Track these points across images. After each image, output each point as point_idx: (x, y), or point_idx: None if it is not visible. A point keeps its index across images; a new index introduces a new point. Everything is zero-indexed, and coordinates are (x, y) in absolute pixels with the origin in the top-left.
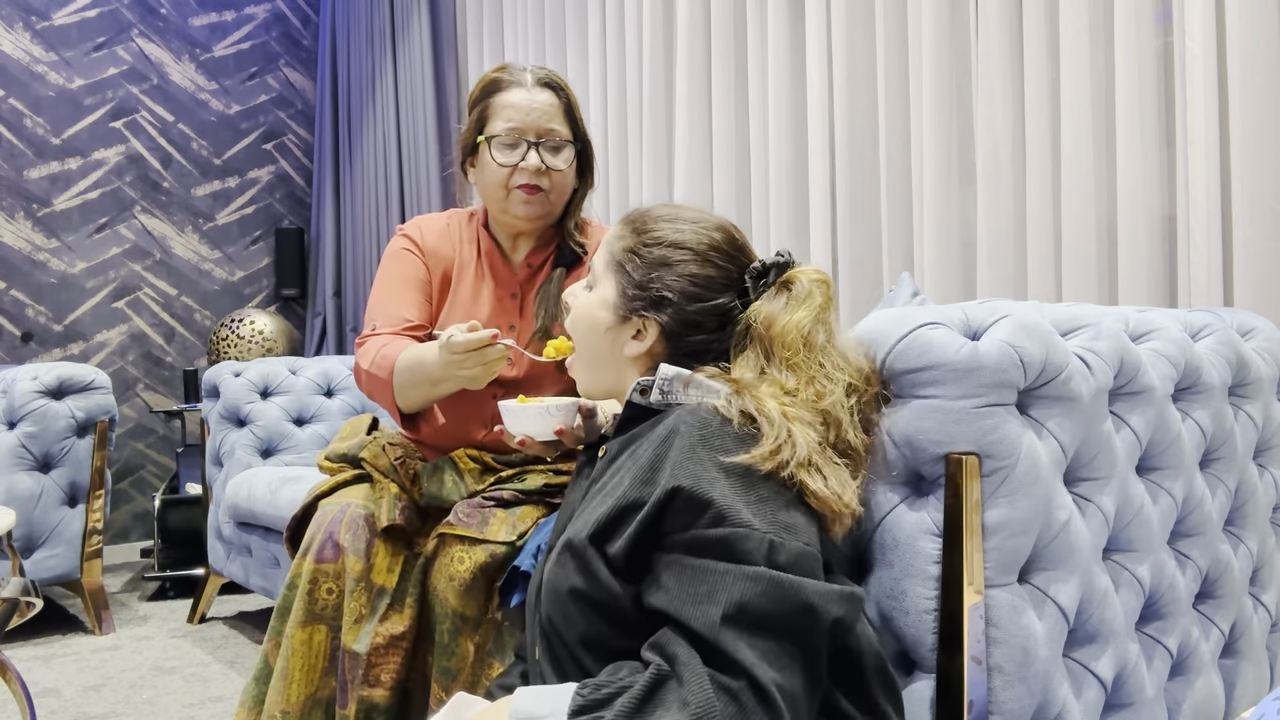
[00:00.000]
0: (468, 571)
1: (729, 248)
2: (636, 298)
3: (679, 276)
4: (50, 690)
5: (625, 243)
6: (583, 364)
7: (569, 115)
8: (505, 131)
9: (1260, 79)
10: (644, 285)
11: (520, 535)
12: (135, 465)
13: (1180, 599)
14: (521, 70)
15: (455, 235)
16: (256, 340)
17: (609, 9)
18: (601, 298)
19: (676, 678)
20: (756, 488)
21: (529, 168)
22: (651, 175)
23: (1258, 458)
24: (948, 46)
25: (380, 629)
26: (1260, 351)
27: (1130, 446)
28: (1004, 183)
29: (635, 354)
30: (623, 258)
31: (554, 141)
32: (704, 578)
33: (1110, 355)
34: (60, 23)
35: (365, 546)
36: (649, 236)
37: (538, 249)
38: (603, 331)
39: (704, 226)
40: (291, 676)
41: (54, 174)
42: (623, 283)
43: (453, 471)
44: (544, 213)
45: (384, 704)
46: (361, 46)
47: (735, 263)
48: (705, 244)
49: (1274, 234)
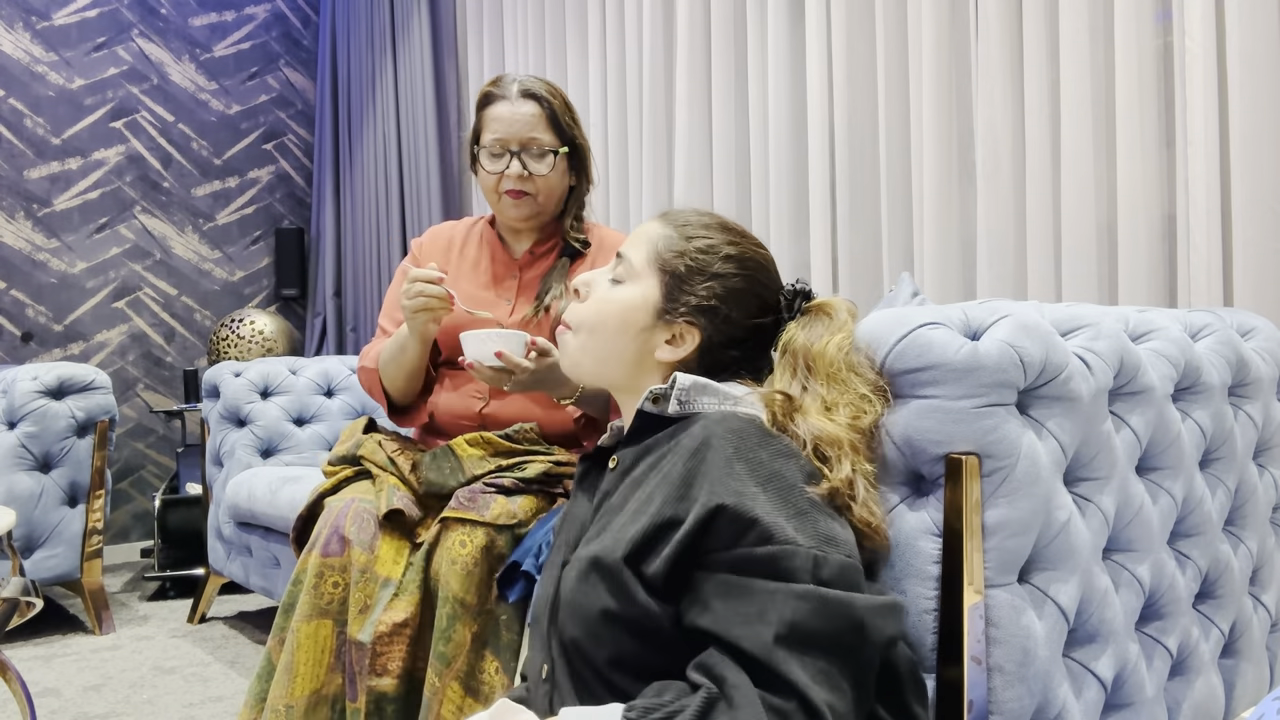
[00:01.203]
0: (469, 555)
1: (770, 269)
2: (683, 303)
3: (730, 290)
4: (50, 690)
5: (674, 245)
6: (593, 356)
7: (553, 122)
8: (492, 142)
9: (1260, 79)
10: (694, 292)
11: (520, 521)
12: (135, 465)
13: (1180, 599)
14: (510, 82)
15: (461, 234)
16: (256, 340)
17: (609, 9)
18: (643, 296)
19: (727, 700)
20: (795, 499)
21: (512, 174)
22: (651, 175)
23: (1258, 458)
24: (948, 46)
25: (384, 618)
26: (1260, 351)
27: (1130, 446)
28: (1004, 183)
29: (666, 359)
30: (672, 259)
31: (537, 149)
32: (752, 597)
33: (1110, 355)
34: (60, 23)
35: (370, 539)
36: (703, 243)
37: (539, 243)
38: (635, 330)
39: (752, 244)
40: (296, 670)
41: (54, 174)
42: (670, 285)
43: (451, 458)
44: (533, 213)
45: (393, 693)
46: (361, 46)
47: (773, 286)
48: (755, 263)
49: (1274, 234)
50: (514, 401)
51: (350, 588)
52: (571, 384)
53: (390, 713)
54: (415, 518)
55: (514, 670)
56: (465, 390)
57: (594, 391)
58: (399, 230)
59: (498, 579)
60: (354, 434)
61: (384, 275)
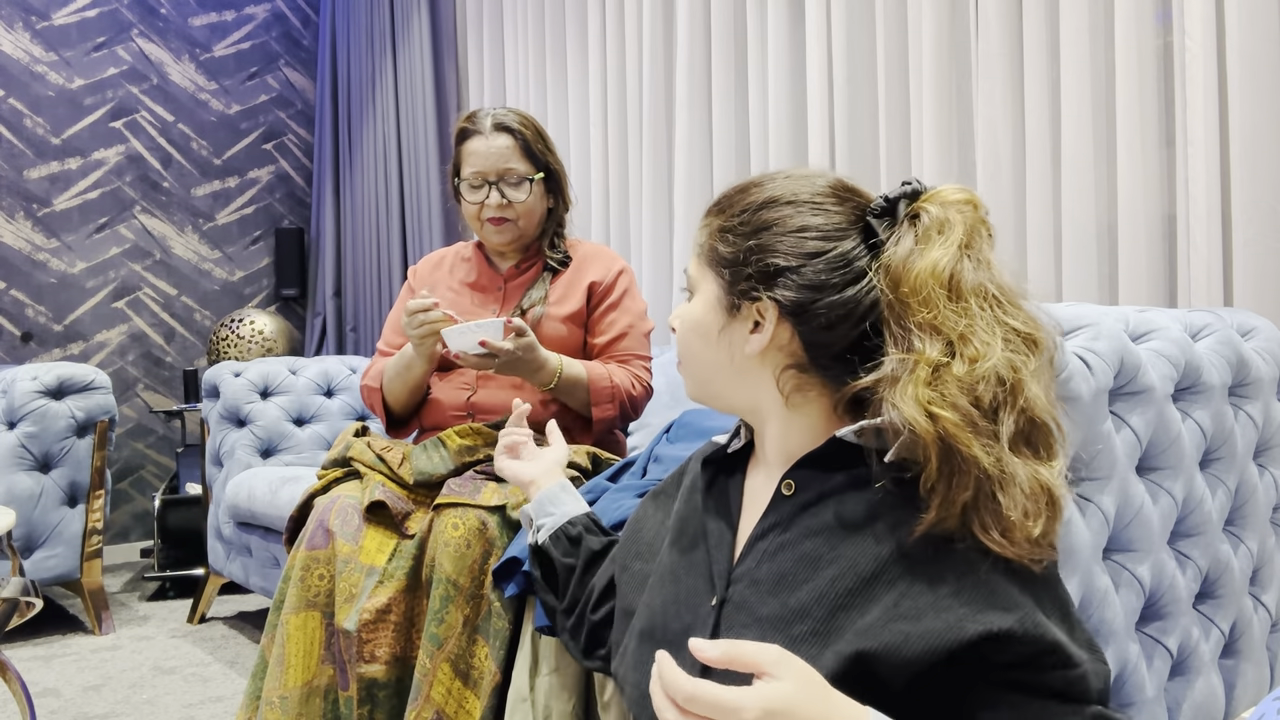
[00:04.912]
0: (462, 538)
1: (840, 190)
2: (741, 277)
3: (786, 233)
4: (50, 690)
5: (711, 228)
6: (696, 380)
7: (527, 151)
8: (471, 175)
9: (1260, 79)
10: (746, 259)
11: (511, 504)
12: (135, 465)
13: (1180, 599)
14: (484, 117)
15: (451, 255)
16: (256, 340)
17: (609, 9)
18: (705, 299)
19: None
20: (1060, 592)
21: (491, 204)
22: (651, 175)
23: (1258, 458)
24: (948, 46)
25: (368, 605)
26: (1260, 351)
27: (1130, 446)
28: (1004, 183)
29: (759, 349)
30: (714, 242)
31: (513, 178)
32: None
33: (1110, 355)
34: (60, 23)
35: (355, 531)
36: (738, 207)
37: (523, 260)
38: (715, 336)
39: (803, 174)
40: (288, 662)
41: (54, 174)
42: (721, 269)
43: (442, 449)
44: (514, 237)
45: (383, 679)
46: (361, 46)
47: (851, 204)
48: (809, 190)
49: (1274, 234)
50: (501, 390)
51: (335, 579)
52: (549, 370)
53: (382, 698)
54: (403, 511)
55: (502, 659)
56: (453, 381)
57: (571, 381)
58: (399, 230)
59: (494, 571)
60: (345, 439)
61: (384, 275)
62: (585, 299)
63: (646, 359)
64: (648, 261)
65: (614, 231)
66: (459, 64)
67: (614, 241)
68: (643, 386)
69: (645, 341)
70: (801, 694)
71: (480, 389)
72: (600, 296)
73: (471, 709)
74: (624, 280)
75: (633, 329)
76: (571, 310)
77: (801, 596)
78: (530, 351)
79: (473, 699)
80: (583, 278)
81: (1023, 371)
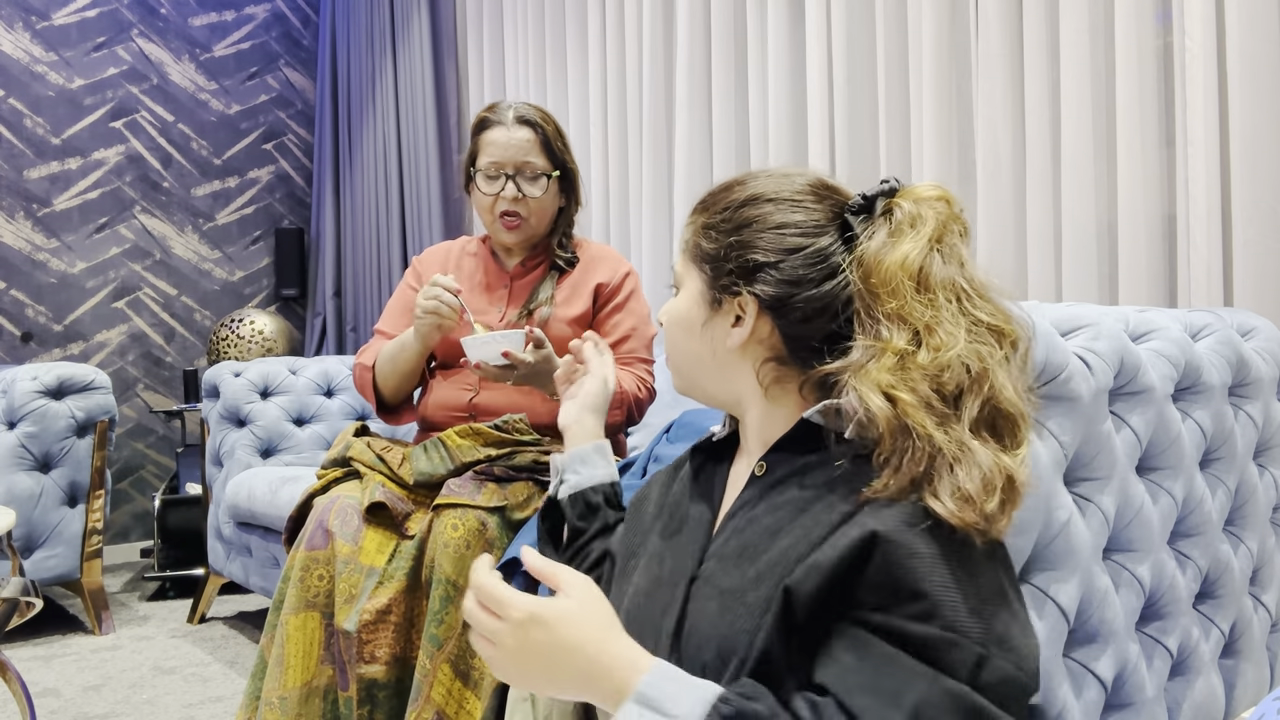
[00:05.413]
0: (461, 538)
1: (820, 188)
2: (723, 273)
3: (765, 230)
4: (50, 690)
5: (695, 225)
6: (681, 374)
7: (546, 147)
8: (488, 165)
9: (1260, 79)
10: (727, 255)
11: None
12: (135, 465)
13: (1180, 599)
14: (506, 109)
15: (457, 249)
16: (256, 340)
17: (609, 9)
18: (689, 294)
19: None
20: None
21: (506, 196)
22: (651, 175)
23: (1258, 458)
24: (948, 46)
25: (368, 605)
26: (1260, 351)
27: (1130, 446)
28: (1004, 183)
29: (740, 343)
30: (698, 238)
31: (530, 173)
32: (893, 672)
33: (1110, 355)
34: (60, 23)
35: (354, 532)
36: (721, 204)
37: (530, 258)
38: (699, 330)
39: (785, 172)
40: (288, 663)
41: (54, 174)
42: (704, 265)
43: (442, 449)
44: (525, 236)
45: (383, 679)
46: (361, 46)
47: (830, 201)
48: (789, 188)
49: (1274, 234)
50: (503, 392)
51: (335, 579)
52: None
53: (382, 699)
54: (403, 512)
55: None
56: (455, 382)
57: None
58: (399, 230)
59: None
60: (345, 439)
61: (384, 275)
62: (592, 301)
63: (650, 362)
64: (647, 261)
65: (614, 231)
66: (459, 64)
67: (614, 241)
68: (647, 390)
69: (649, 344)
70: (574, 615)
71: (483, 390)
72: (607, 298)
73: (472, 709)
74: (630, 283)
75: (637, 332)
76: (578, 313)
77: (760, 566)
78: (548, 363)
79: (473, 699)
80: (589, 279)
81: (989, 361)
